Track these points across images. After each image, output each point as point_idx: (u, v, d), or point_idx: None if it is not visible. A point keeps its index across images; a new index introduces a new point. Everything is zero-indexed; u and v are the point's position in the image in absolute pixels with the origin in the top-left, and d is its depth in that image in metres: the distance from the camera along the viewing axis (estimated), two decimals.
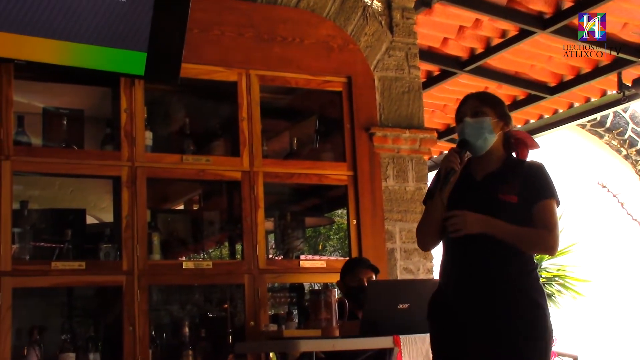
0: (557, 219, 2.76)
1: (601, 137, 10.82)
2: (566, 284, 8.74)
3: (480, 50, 5.95)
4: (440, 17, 5.48)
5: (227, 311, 4.65)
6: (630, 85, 6.21)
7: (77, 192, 5.15)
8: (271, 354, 4.31)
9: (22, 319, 3.93)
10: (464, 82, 6.35)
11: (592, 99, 6.73)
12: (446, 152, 3.08)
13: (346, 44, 4.69)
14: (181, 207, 5.52)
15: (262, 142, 4.39)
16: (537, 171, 2.79)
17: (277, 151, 4.94)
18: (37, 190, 4.75)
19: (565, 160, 10.16)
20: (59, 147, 4.13)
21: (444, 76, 6.35)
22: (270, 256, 4.80)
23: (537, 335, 2.65)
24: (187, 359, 4.12)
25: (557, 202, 2.76)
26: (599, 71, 6.09)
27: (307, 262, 4.58)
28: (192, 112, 4.62)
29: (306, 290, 5.03)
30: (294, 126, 5.20)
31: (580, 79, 6.24)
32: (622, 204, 10.97)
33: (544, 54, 6.00)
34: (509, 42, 5.71)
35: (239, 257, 4.51)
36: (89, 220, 4.84)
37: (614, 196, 10.94)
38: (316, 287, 5.01)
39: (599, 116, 9.01)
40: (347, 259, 4.33)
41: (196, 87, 4.59)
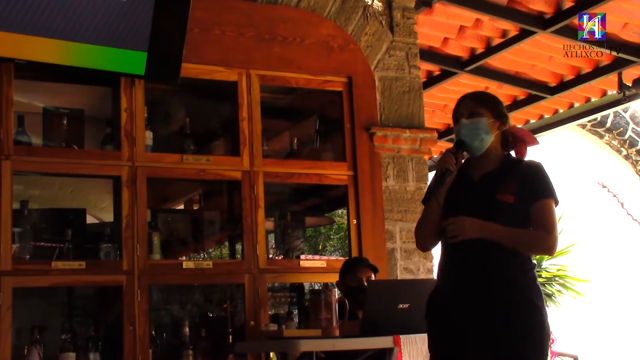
0: (556, 219, 2.75)
1: (601, 137, 10.81)
2: (566, 284, 8.72)
3: (480, 50, 5.95)
4: (440, 17, 5.47)
5: (227, 311, 4.65)
6: (630, 85, 6.21)
7: (78, 191, 5.15)
8: (271, 354, 4.30)
9: (22, 319, 3.93)
10: (465, 82, 6.35)
11: (593, 99, 6.72)
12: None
13: (347, 43, 4.69)
14: (181, 206, 5.52)
15: (262, 142, 4.39)
16: (535, 170, 2.77)
17: (278, 151, 4.93)
18: (37, 190, 4.75)
19: (565, 160, 10.15)
20: (59, 147, 4.13)
21: (445, 76, 6.34)
22: (270, 256, 4.79)
23: (534, 336, 2.65)
24: (188, 358, 4.12)
25: (556, 201, 2.74)
26: (599, 71, 6.09)
27: (307, 261, 4.58)
28: (192, 112, 4.62)
29: (306, 290, 5.03)
30: (294, 126, 5.20)
31: (580, 79, 6.24)
32: (622, 204, 10.95)
33: (544, 54, 6.00)
34: (509, 42, 5.70)
35: (239, 256, 4.50)
36: (89, 220, 4.84)
37: (614, 196, 10.93)
38: (316, 287, 5.01)
39: (599, 116, 9.00)
40: (346, 258, 4.34)
41: (196, 86, 4.59)
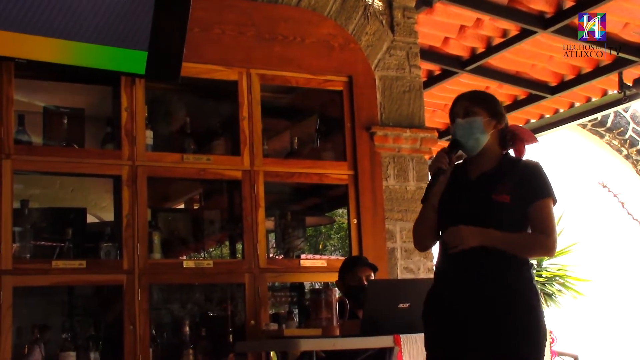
0: (555, 220, 2.73)
1: (602, 136, 10.81)
2: (566, 283, 8.73)
3: (481, 49, 5.95)
4: (441, 16, 5.47)
5: (227, 310, 4.65)
6: (631, 85, 6.21)
7: (78, 191, 5.15)
8: (272, 353, 4.30)
9: (22, 318, 3.93)
10: (465, 81, 6.34)
11: (593, 99, 6.72)
12: None
13: (347, 43, 4.69)
14: (182, 206, 5.52)
15: (262, 141, 4.39)
16: (533, 170, 2.75)
17: (278, 150, 4.93)
18: (37, 189, 4.75)
19: (565, 160, 10.15)
20: (59, 146, 4.13)
21: (445, 75, 6.34)
22: (270, 255, 4.79)
23: (532, 336, 2.64)
24: (188, 358, 4.12)
25: (554, 200, 2.72)
26: (599, 71, 6.09)
27: (308, 261, 4.57)
28: (192, 111, 4.62)
29: (307, 289, 5.03)
30: (294, 125, 5.20)
31: (581, 78, 6.23)
32: (622, 204, 10.96)
33: (545, 54, 5.99)
34: (510, 42, 5.70)
35: (240, 256, 4.50)
36: (90, 219, 4.84)
37: (615, 196, 10.93)
38: (317, 286, 5.01)
39: (599, 116, 9.00)
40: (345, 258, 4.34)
41: (197, 86, 4.59)
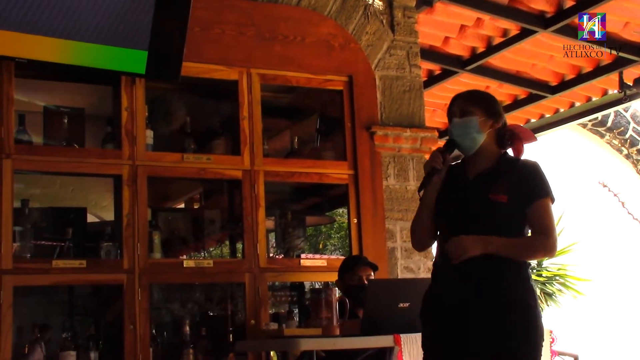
0: (554, 220, 2.72)
1: (602, 136, 10.82)
2: (567, 283, 8.73)
3: (481, 49, 5.94)
4: (441, 16, 5.47)
5: (227, 310, 4.65)
6: (631, 84, 6.20)
7: (78, 190, 5.15)
8: (272, 353, 4.31)
9: (23, 318, 3.93)
10: (465, 81, 6.34)
11: (594, 99, 6.72)
12: None
13: (347, 42, 4.69)
14: (182, 205, 5.52)
15: (262, 141, 4.39)
16: (531, 170, 2.74)
17: (278, 150, 4.94)
18: (38, 188, 4.75)
19: (566, 159, 10.16)
20: (59, 146, 4.13)
21: (445, 75, 6.34)
22: (271, 255, 4.79)
23: (529, 336, 2.64)
24: (188, 357, 4.13)
25: (552, 199, 2.72)
26: (600, 70, 6.08)
27: (308, 260, 4.58)
28: (192, 111, 4.63)
29: (307, 289, 5.03)
30: (294, 125, 5.20)
31: (581, 78, 6.23)
32: (622, 204, 10.96)
33: (545, 53, 5.99)
34: (510, 42, 5.70)
35: (240, 255, 4.50)
36: (90, 218, 4.84)
37: (615, 195, 10.93)
38: (317, 286, 5.01)
39: (600, 115, 8.99)
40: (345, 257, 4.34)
41: (197, 85, 4.59)
